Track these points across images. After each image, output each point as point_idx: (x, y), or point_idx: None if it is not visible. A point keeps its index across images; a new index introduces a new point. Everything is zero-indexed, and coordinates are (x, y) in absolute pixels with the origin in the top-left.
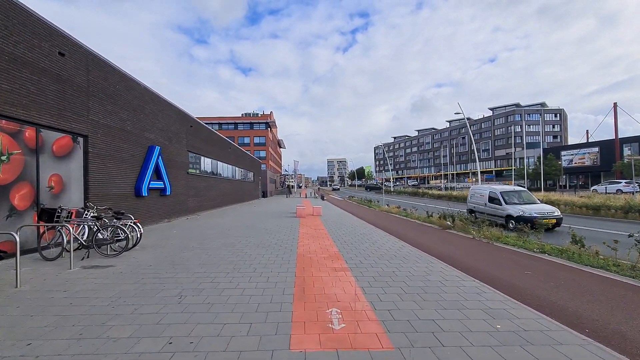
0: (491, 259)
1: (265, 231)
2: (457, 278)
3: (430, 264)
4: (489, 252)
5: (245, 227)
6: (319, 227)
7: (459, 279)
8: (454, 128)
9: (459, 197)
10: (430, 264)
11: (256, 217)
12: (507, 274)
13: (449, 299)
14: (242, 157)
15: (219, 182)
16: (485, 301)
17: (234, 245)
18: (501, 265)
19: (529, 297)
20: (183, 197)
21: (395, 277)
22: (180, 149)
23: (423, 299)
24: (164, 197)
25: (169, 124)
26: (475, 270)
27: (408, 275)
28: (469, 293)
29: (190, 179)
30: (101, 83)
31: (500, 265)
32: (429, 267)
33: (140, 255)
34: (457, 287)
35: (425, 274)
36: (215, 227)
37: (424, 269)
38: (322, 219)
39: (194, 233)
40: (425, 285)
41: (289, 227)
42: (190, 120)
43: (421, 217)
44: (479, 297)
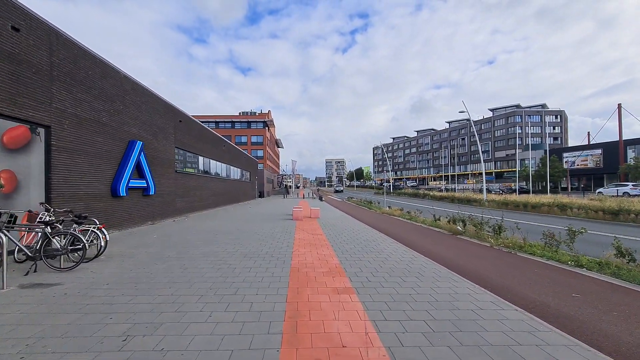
0: (522, 275)
1: (257, 237)
2: (494, 305)
3: (453, 283)
4: (516, 265)
5: (235, 232)
6: (317, 232)
7: (496, 307)
8: (454, 129)
9: (462, 199)
10: (453, 282)
11: (249, 219)
12: (552, 299)
13: (496, 341)
14: (238, 155)
15: (211, 182)
16: (546, 346)
17: (217, 255)
18: (538, 285)
19: (599, 336)
20: (170, 197)
21: (415, 304)
22: (168, 146)
23: (459, 342)
24: (147, 198)
25: (154, 117)
26: (510, 292)
27: (430, 300)
28: (518, 332)
29: (178, 178)
30: (68, 67)
31: (536, 285)
32: (454, 288)
33: (100, 269)
34: (499, 320)
35: (451, 299)
36: (202, 231)
37: (448, 291)
38: (321, 222)
39: (176, 238)
40: (457, 318)
41: (284, 232)
42: (179, 115)
43: (427, 220)
44: (535, 339)
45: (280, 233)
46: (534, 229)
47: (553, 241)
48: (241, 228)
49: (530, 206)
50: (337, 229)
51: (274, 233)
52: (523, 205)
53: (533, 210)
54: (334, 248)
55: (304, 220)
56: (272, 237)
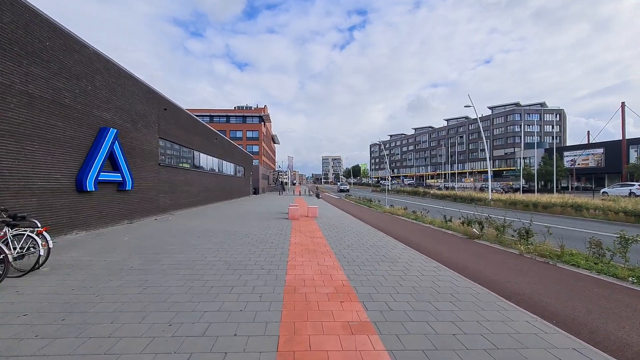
0: (585, 299)
1: (247, 240)
2: (581, 356)
3: (504, 313)
4: (566, 282)
5: (222, 233)
6: (315, 234)
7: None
8: (452, 127)
9: (465, 198)
10: (503, 312)
11: (241, 218)
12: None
13: None
14: (231, 150)
15: (201, 177)
16: None
17: (193, 266)
18: (613, 314)
19: None
20: (152, 193)
21: (467, 356)
22: (150, 136)
23: None
24: (122, 193)
25: (132, 103)
26: (585, 327)
27: (488, 347)
28: None
29: (162, 172)
30: (16, 33)
31: (612, 314)
32: (510, 323)
33: (30, 288)
34: None
35: (516, 344)
36: (184, 232)
37: (505, 328)
38: (319, 222)
39: (149, 241)
40: None
41: (278, 234)
42: (164, 102)
43: (436, 221)
44: None
45: (274, 235)
46: (559, 233)
47: (600, 250)
48: (230, 229)
49: (540, 206)
50: (338, 230)
51: (267, 235)
52: (533, 205)
53: (544, 210)
54: (337, 256)
55: (301, 219)
56: (264, 240)
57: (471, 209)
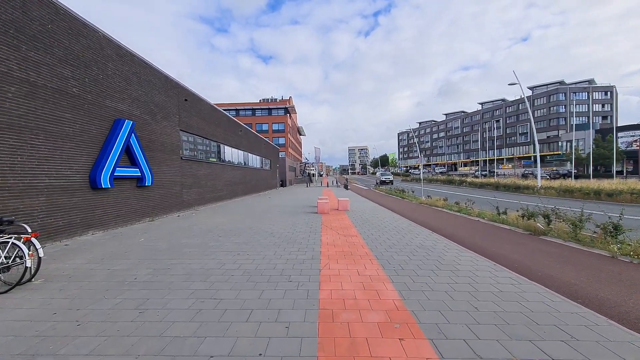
0: None
1: (272, 240)
2: None
3: None
4: None
5: (246, 232)
6: (349, 232)
7: None
8: (487, 110)
9: (509, 186)
10: None
11: (267, 213)
12: None
13: None
14: (257, 142)
15: (226, 170)
16: None
17: (207, 277)
18: None
19: None
20: (175, 188)
21: None
22: (170, 128)
23: None
24: (142, 189)
25: (150, 93)
26: None
27: None
28: None
29: (185, 166)
30: (12, 14)
31: None
32: None
33: (4, 311)
34: None
35: None
36: (205, 231)
37: None
38: (351, 215)
39: (165, 244)
40: None
41: (308, 232)
42: (184, 93)
43: (484, 213)
44: None
45: (303, 233)
46: None
47: None
48: (255, 226)
49: (604, 194)
50: (374, 226)
51: (295, 233)
52: (594, 193)
53: (609, 199)
54: (380, 261)
55: (331, 213)
56: (292, 240)
57: (518, 198)
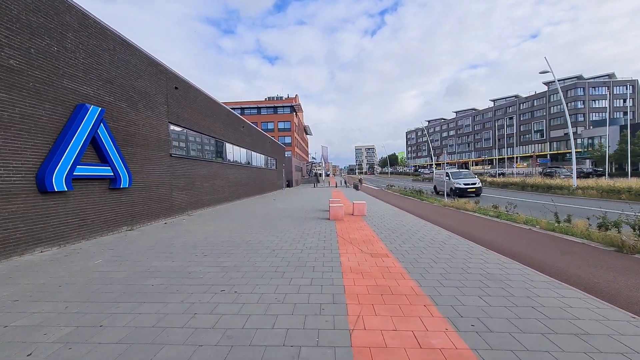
0: None
1: (274, 263)
2: None
3: None
4: None
5: (241, 248)
6: (376, 248)
7: None
8: (499, 107)
9: (538, 186)
10: None
11: (270, 219)
12: None
13: None
14: (261, 139)
15: (227, 170)
16: None
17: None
18: None
19: None
20: (163, 190)
21: None
22: (156, 119)
23: None
24: (117, 192)
25: (128, 76)
26: None
27: None
28: None
29: (176, 165)
30: None
31: None
32: None
33: None
34: None
35: None
36: (190, 246)
37: None
38: (371, 222)
39: (126, 269)
40: None
41: (321, 248)
42: (175, 80)
43: (536, 220)
44: None
45: (315, 251)
46: None
47: None
48: (254, 238)
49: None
50: (404, 238)
51: (304, 251)
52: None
53: None
54: (443, 311)
55: (347, 220)
56: (301, 264)
57: (553, 199)
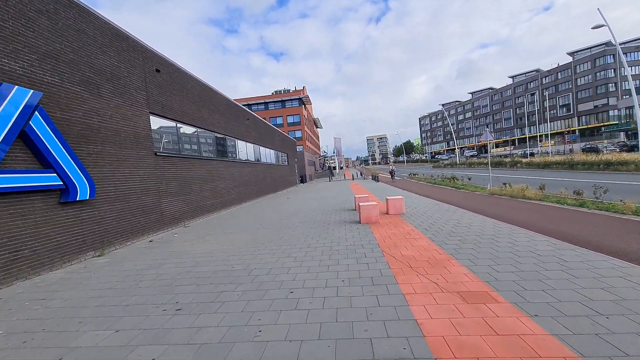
0: None
1: (293, 331)
2: None
3: None
4: None
5: (239, 289)
6: (458, 277)
7: None
8: (519, 84)
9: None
10: None
11: (285, 227)
12: None
13: None
14: (269, 133)
15: (232, 168)
16: None
17: None
18: None
19: None
20: (148, 198)
21: None
22: (130, 109)
23: None
24: (73, 207)
25: (84, 51)
26: None
27: None
28: None
29: (164, 165)
30: None
31: None
32: None
33: None
34: None
35: None
36: (162, 286)
37: None
38: (418, 224)
39: (24, 349)
40: None
41: (368, 283)
42: (156, 61)
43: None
44: None
45: (359, 291)
46: None
47: None
48: (259, 265)
49: None
50: (491, 253)
51: (341, 296)
52: None
53: None
54: None
55: (383, 222)
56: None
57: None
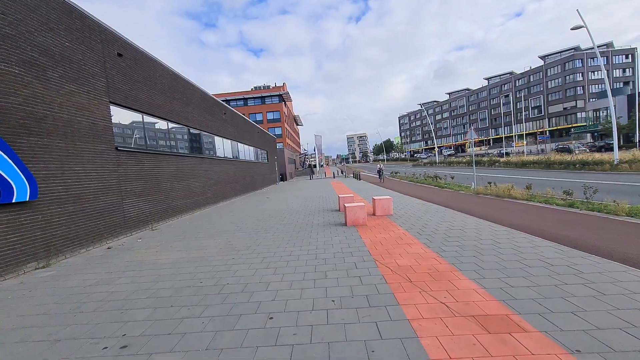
0: None
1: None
2: None
3: None
4: None
5: (205, 313)
6: (469, 296)
7: None
8: (494, 85)
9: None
10: None
11: (263, 230)
12: None
13: None
14: (248, 129)
15: (208, 166)
16: None
17: None
18: None
19: None
20: (107, 198)
21: None
22: (87, 98)
23: None
24: (7, 211)
25: (21, 26)
26: None
27: None
28: None
29: (127, 161)
30: None
31: None
32: None
33: None
34: None
35: None
36: (104, 315)
37: None
38: (410, 227)
39: None
40: None
41: (364, 305)
42: (117, 45)
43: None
44: None
45: (353, 317)
46: None
47: None
48: (232, 279)
49: None
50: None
51: (333, 323)
52: None
53: None
54: None
55: (371, 224)
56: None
57: (594, 177)
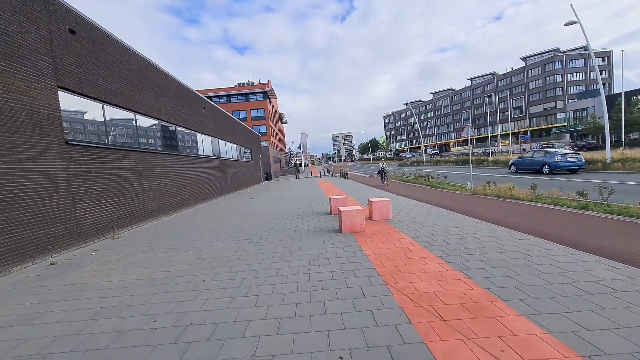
0: None
1: None
2: None
3: None
4: None
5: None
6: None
7: None
8: (477, 86)
9: None
10: None
11: (244, 239)
12: None
13: None
14: (230, 126)
15: (184, 164)
16: None
17: None
18: None
19: None
20: (53, 202)
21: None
22: (26, 80)
23: None
24: None
25: None
26: None
27: None
28: None
29: (82, 157)
30: None
31: None
32: None
33: None
34: None
35: None
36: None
37: None
38: (416, 235)
39: None
40: None
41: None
42: (68, 19)
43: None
44: None
45: None
46: None
47: None
48: (199, 315)
49: None
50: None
51: None
52: None
53: None
54: None
55: (370, 231)
56: None
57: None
